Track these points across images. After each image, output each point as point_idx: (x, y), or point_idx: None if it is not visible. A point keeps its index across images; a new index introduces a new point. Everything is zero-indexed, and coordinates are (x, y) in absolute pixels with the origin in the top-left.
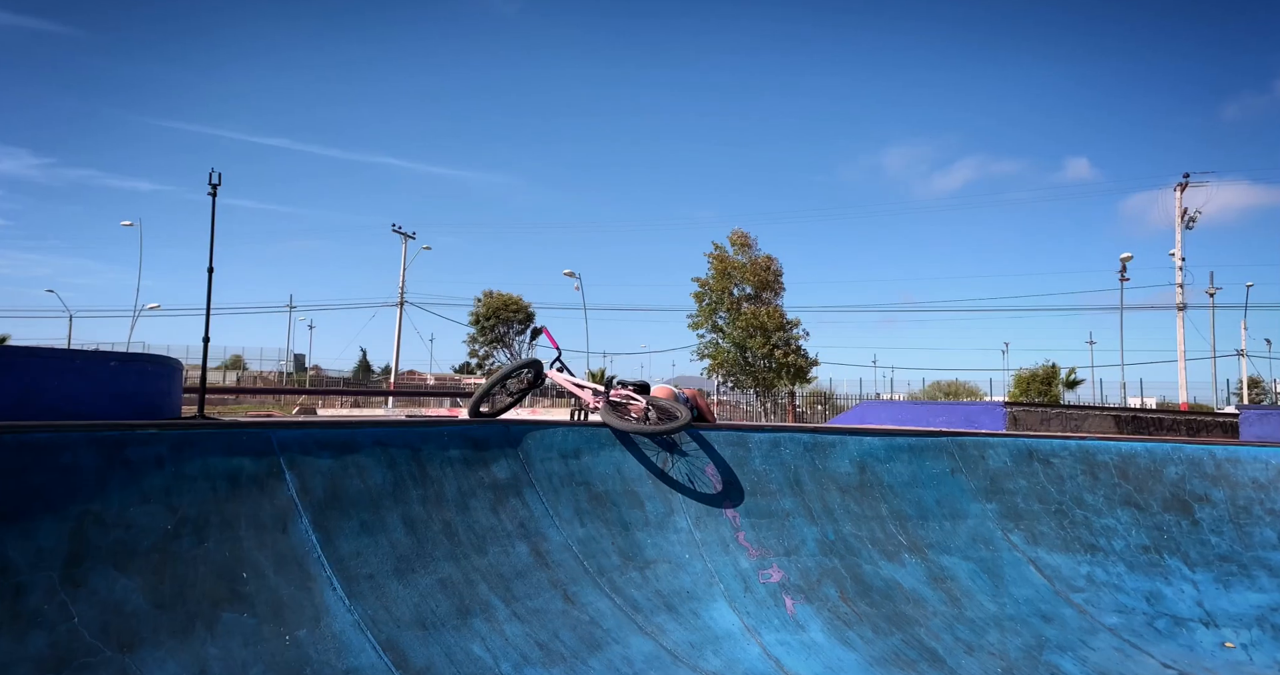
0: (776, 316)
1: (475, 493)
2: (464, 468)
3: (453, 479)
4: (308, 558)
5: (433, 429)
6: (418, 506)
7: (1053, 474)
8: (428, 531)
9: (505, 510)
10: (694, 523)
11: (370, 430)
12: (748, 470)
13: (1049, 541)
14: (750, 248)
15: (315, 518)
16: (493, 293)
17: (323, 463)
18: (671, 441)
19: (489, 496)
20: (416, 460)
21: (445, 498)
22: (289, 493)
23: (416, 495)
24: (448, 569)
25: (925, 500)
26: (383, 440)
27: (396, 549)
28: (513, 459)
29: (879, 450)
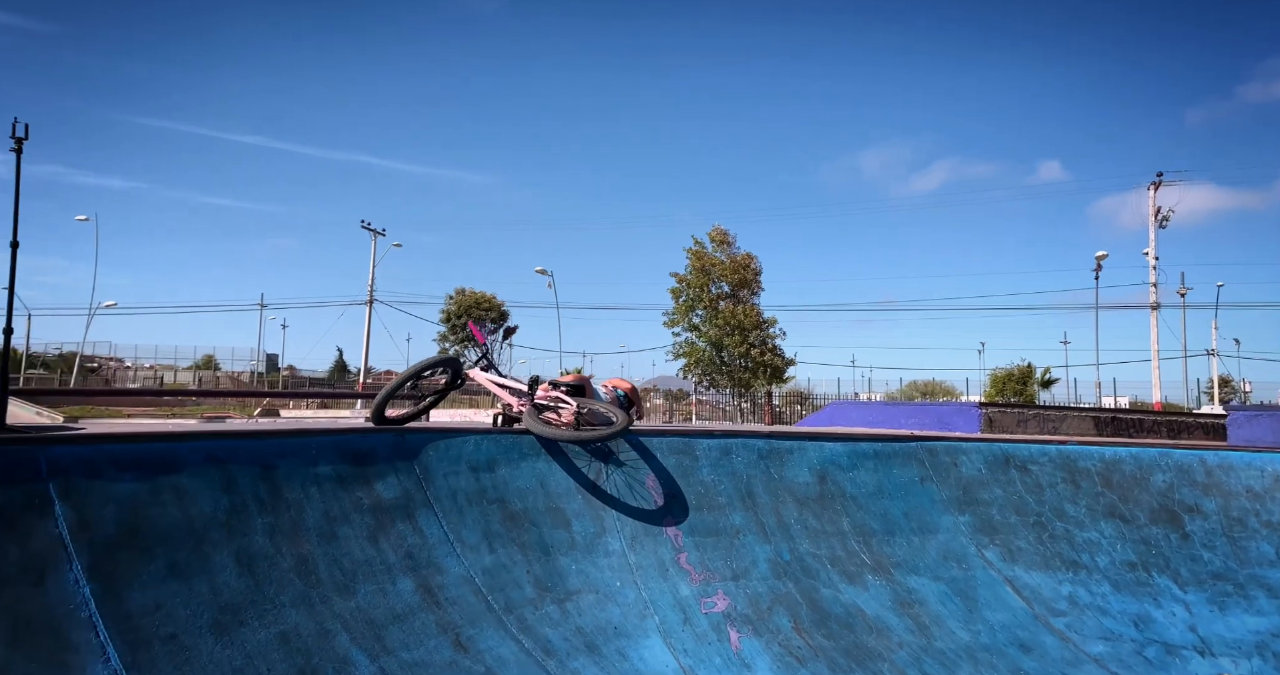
0: (753, 315)
1: (348, 518)
2: (336, 487)
3: (318, 502)
4: (71, 619)
5: (296, 440)
6: (262, 539)
7: (1031, 482)
8: (273, 570)
9: (389, 538)
10: (629, 543)
11: (203, 443)
12: (694, 481)
13: (1027, 558)
14: (730, 245)
15: (95, 562)
16: (465, 290)
17: (120, 488)
18: (607, 449)
19: (367, 522)
20: (268, 480)
21: (304, 526)
22: (56, 531)
23: (263, 524)
24: (295, 618)
25: (892, 513)
26: (219, 456)
27: (221, 596)
28: (405, 475)
29: (842, 457)
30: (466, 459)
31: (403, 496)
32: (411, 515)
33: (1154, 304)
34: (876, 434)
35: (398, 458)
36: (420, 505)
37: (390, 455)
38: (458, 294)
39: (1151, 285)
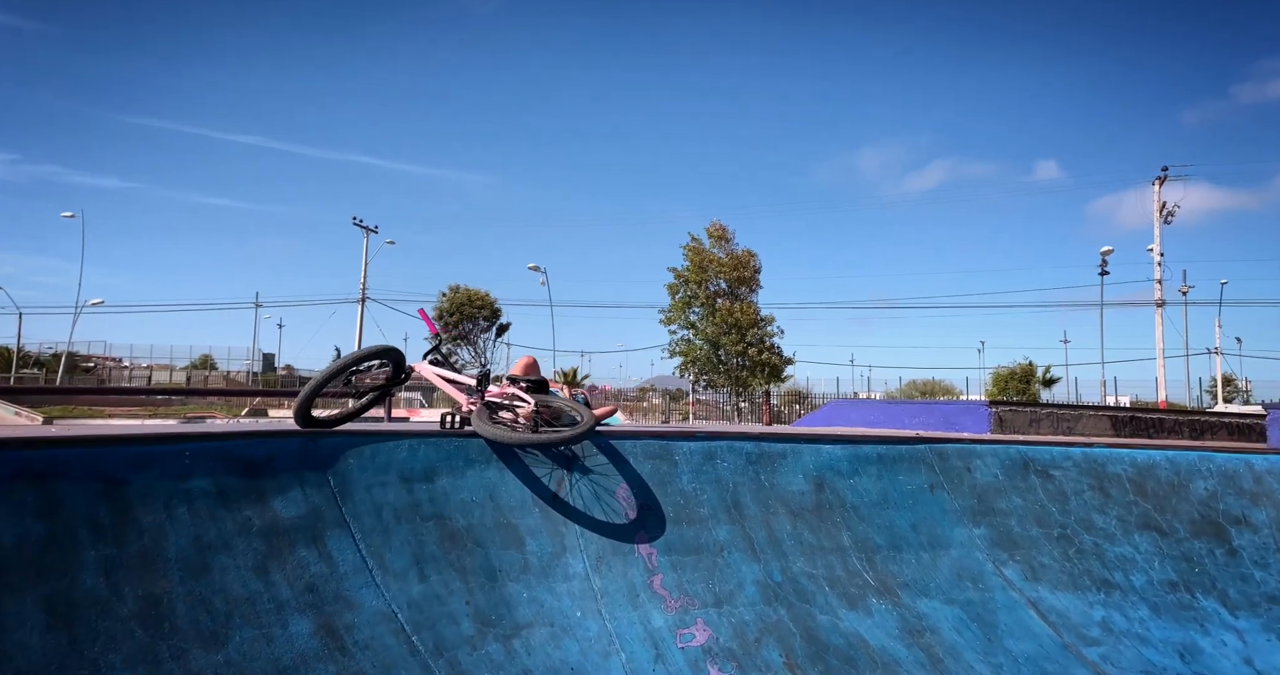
0: (751, 313)
1: (229, 545)
2: (215, 506)
3: (186, 525)
4: None
5: (160, 447)
6: (93, 577)
7: (1054, 490)
8: (103, 620)
9: (284, 568)
10: (594, 565)
11: (18, 453)
12: (672, 490)
13: (1052, 577)
14: (728, 241)
15: None
16: (459, 288)
17: None
18: (571, 454)
19: (256, 548)
20: (113, 499)
21: (162, 557)
22: None
23: (96, 558)
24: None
25: (898, 525)
26: (43, 470)
27: (10, 664)
28: (315, 488)
29: (841, 462)
30: (398, 468)
31: (309, 515)
32: (319, 538)
33: (1159, 301)
34: (880, 435)
35: (306, 467)
36: (332, 525)
37: (295, 464)
38: (450, 291)
39: (1156, 282)
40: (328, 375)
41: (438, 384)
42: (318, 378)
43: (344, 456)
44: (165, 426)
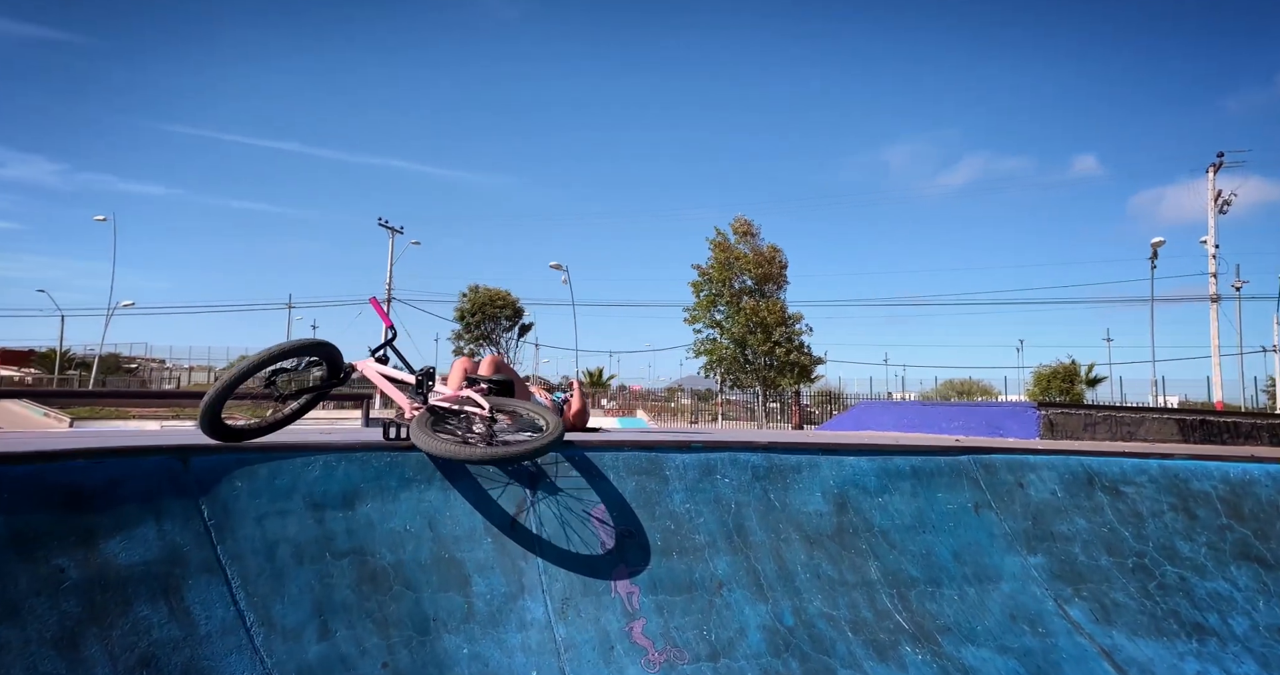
0: (777, 311)
1: (16, 611)
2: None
3: None
4: None
5: None
6: None
7: (1126, 510)
8: None
9: (108, 636)
10: (558, 609)
11: None
12: (661, 513)
13: (1129, 618)
14: (754, 236)
15: None
16: (479, 287)
17: None
18: (537, 470)
19: (66, 612)
20: None
21: None
22: None
23: None
24: None
25: (937, 553)
26: None
27: None
28: (178, 522)
29: (868, 476)
30: (306, 491)
31: (162, 559)
32: (175, 589)
33: (1213, 296)
34: (913, 444)
35: (167, 495)
36: (198, 570)
37: (151, 492)
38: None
39: (1210, 276)
40: (238, 375)
41: (379, 385)
42: (226, 377)
43: (228, 479)
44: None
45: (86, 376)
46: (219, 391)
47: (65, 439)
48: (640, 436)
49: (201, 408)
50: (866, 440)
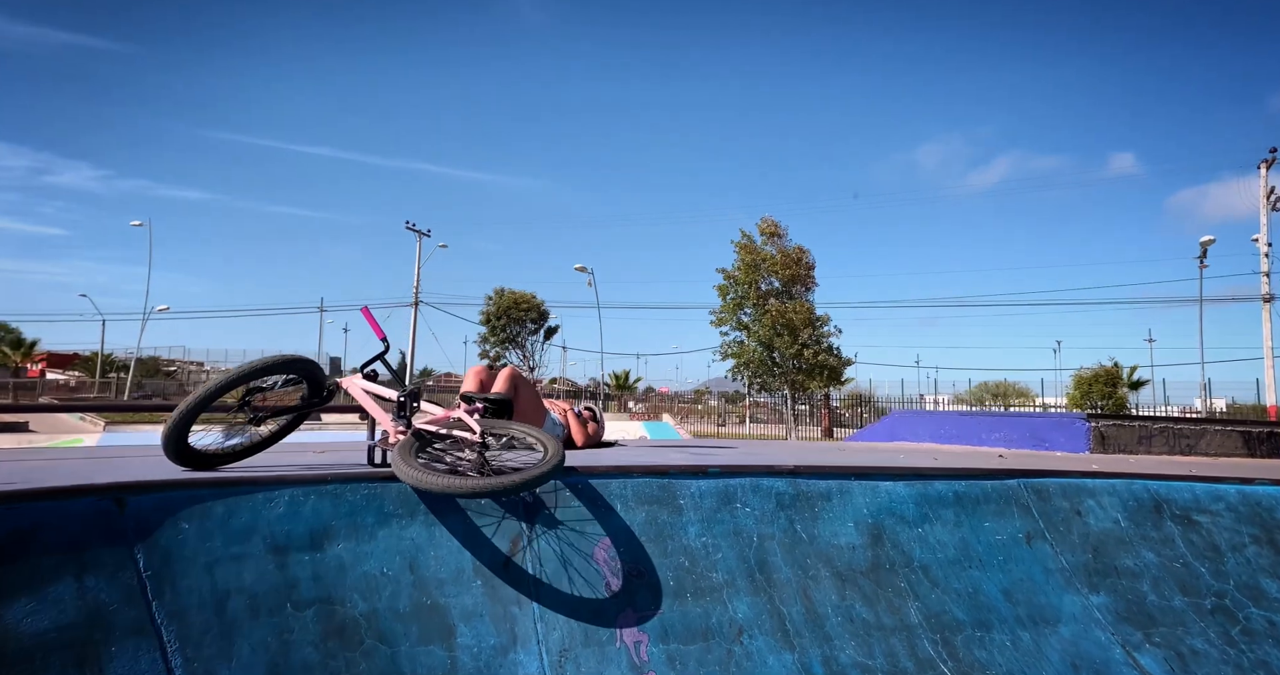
0: (804, 313)
1: None
2: None
3: None
4: None
5: None
6: None
7: (1201, 542)
8: None
9: None
10: (555, 661)
11: None
12: (674, 548)
13: (1211, 669)
14: (781, 237)
15: None
16: (504, 290)
17: None
18: (535, 501)
19: None
20: None
21: None
22: None
23: None
24: None
25: (986, 591)
26: None
27: None
28: (104, 576)
29: (906, 503)
30: (267, 532)
31: (82, 622)
32: (89, 659)
33: (1267, 296)
34: (955, 468)
35: (96, 543)
36: (126, 634)
37: (73, 542)
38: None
39: (1263, 275)
40: (206, 395)
41: (364, 404)
42: (192, 398)
43: (174, 521)
44: None
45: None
46: (184, 414)
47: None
48: (652, 460)
49: (165, 432)
50: (900, 451)
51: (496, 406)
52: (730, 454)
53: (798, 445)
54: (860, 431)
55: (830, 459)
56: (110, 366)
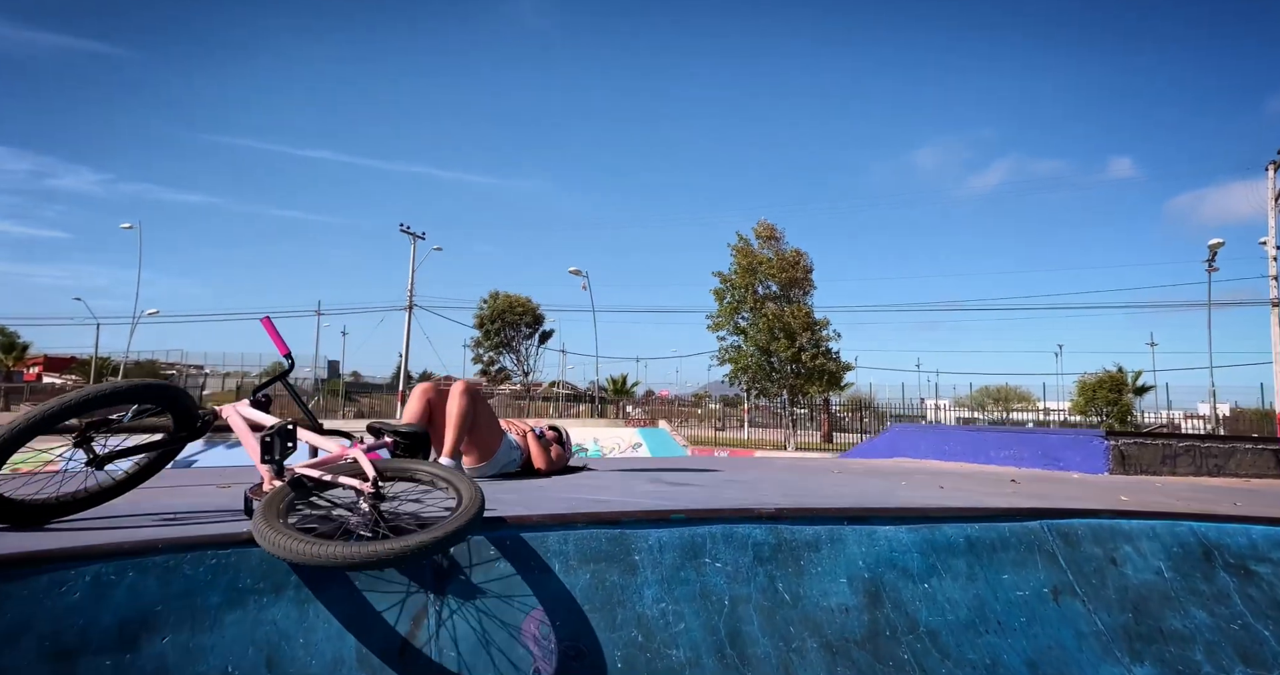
0: (802, 316)
1: None
2: None
3: None
4: None
5: None
6: None
7: (1264, 599)
8: None
9: None
10: None
11: None
12: (627, 618)
13: None
14: (778, 241)
15: None
16: (499, 294)
17: None
18: (448, 563)
19: None
20: None
21: None
22: None
23: None
24: None
25: (1006, 663)
26: None
27: None
28: None
29: (909, 552)
30: (48, 630)
31: None
32: None
33: (1275, 300)
34: (968, 510)
35: None
36: None
37: None
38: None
39: (1271, 279)
40: (19, 431)
41: (243, 441)
42: (12, 427)
43: None
44: None
45: None
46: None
47: None
48: (604, 500)
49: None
50: (902, 472)
51: (411, 441)
52: (706, 486)
53: (792, 461)
54: (860, 447)
55: (825, 489)
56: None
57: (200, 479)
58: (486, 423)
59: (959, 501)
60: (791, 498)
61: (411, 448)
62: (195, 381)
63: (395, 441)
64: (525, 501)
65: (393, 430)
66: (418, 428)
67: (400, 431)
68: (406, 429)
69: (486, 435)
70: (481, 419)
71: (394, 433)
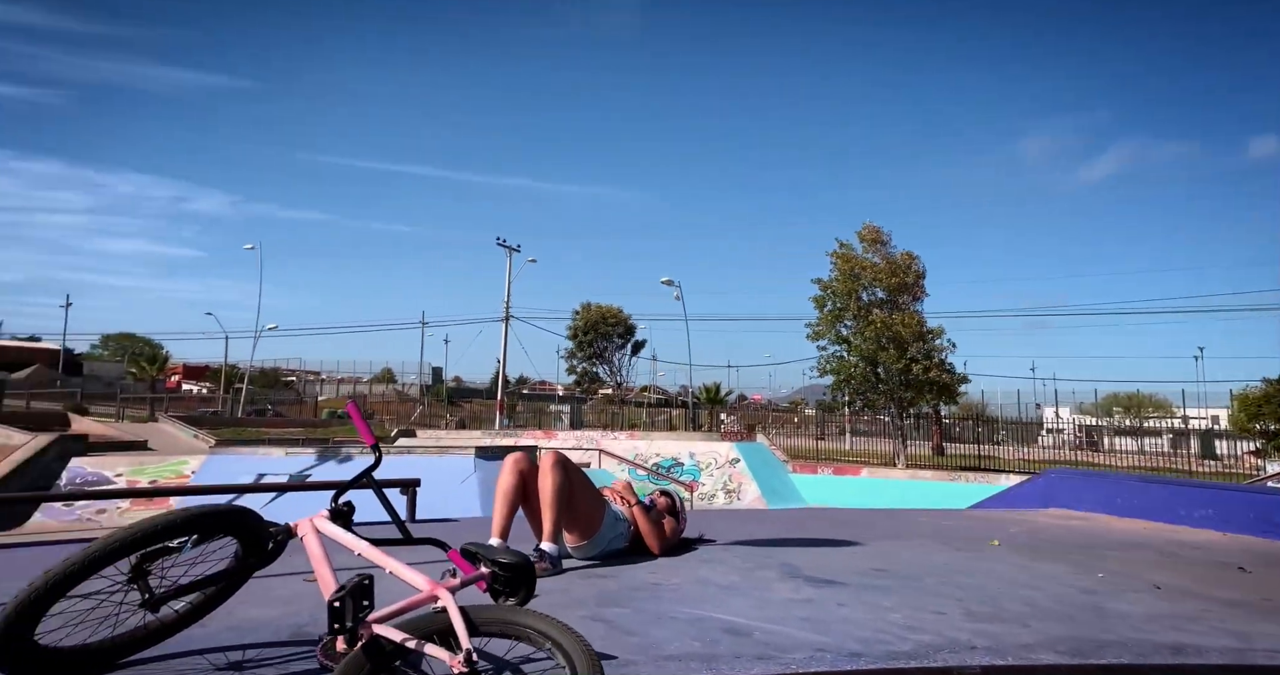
0: (913, 325)
1: None
2: None
3: None
4: None
5: None
6: None
7: None
8: None
9: None
10: None
11: None
12: None
13: None
14: (885, 244)
15: None
16: (591, 305)
17: None
18: None
19: None
20: None
21: None
22: None
23: None
24: None
25: None
26: None
27: None
28: None
29: None
30: None
31: None
32: None
33: None
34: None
35: None
36: None
37: None
38: (583, 309)
39: None
40: (69, 572)
41: (317, 571)
42: (41, 583)
43: None
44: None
45: (246, 391)
46: (28, 603)
47: None
48: (745, 646)
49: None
50: (1069, 527)
51: (512, 575)
52: (854, 587)
53: (937, 524)
54: (1008, 493)
55: (1010, 590)
56: (234, 377)
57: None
58: (585, 495)
59: (1188, 612)
60: (979, 620)
61: (513, 582)
62: (313, 388)
63: (493, 573)
64: (643, 634)
65: (492, 559)
66: (521, 558)
67: (500, 562)
68: (508, 559)
69: (587, 510)
70: (579, 492)
71: (492, 562)
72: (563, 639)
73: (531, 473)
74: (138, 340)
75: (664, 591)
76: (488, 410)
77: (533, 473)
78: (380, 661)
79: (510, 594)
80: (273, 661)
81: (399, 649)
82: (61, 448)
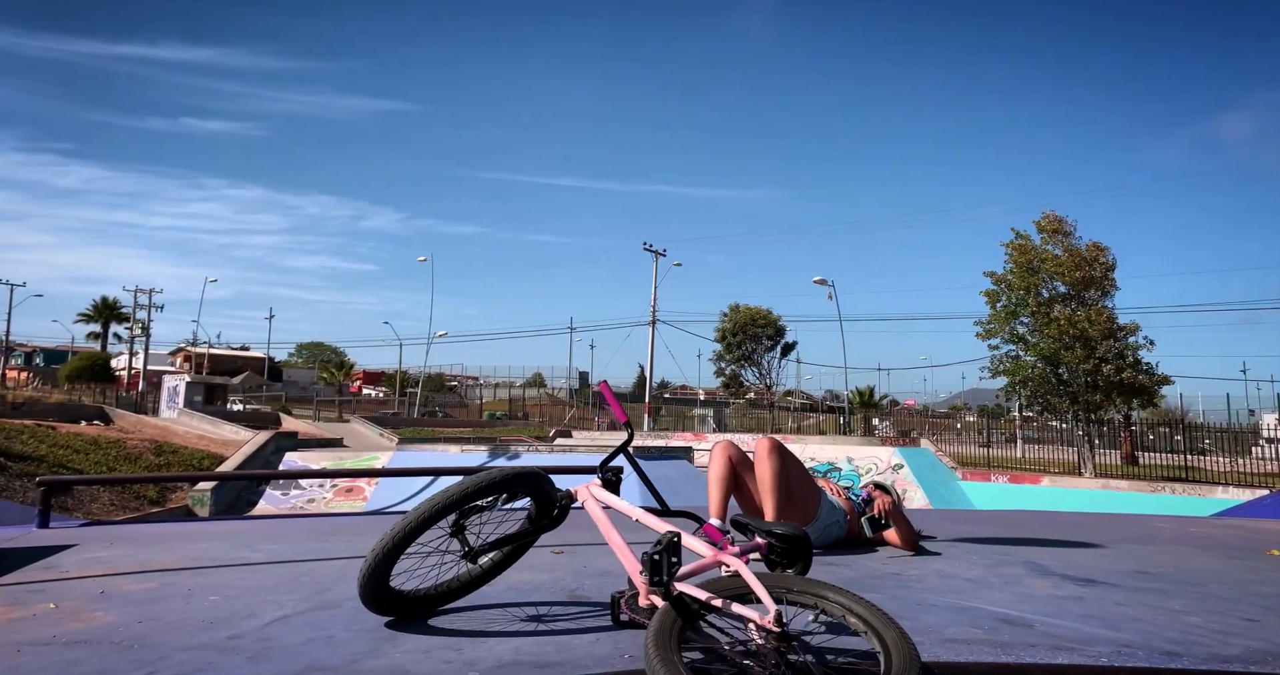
0: (1102, 322)
1: None
2: None
3: None
4: None
5: None
6: None
7: None
8: None
9: None
10: None
11: None
12: None
13: None
14: (1068, 235)
15: None
16: (739, 306)
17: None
18: None
19: None
20: None
21: None
22: None
23: None
24: None
25: None
26: None
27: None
28: None
29: None
30: None
31: None
32: None
33: None
34: None
35: None
36: None
37: None
38: (731, 311)
39: None
40: (414, 525)
41: (604, 533)
42: (395, 531)
43: None
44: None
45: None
46: (388, 551)
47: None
48: (1051, 653)
49: (362, 577)
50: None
51: (789, 546)
52: (1125, 587)
53: (1180, 529)
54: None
55: None
56: (406, 382)
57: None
58: (801, 481)
59: None
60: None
61: (790, 553)
62: (473, 392)
63: (769, 544)
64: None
65: (767, 530)
66: (798, 530)
67: (776, 534)
68: (783, 530)
69: (803, 496)
70: (795, 477)
71: (768, 533)
72: (869, 615)
73: (740, 459)
74: (326, 348)
75: (909, 581)
76: (633, 414)
77: (741, 459)
78: (689, 617)
79: (788, 565)
80: (563, 618)
81: (704, 606)
82: (278, 443)
